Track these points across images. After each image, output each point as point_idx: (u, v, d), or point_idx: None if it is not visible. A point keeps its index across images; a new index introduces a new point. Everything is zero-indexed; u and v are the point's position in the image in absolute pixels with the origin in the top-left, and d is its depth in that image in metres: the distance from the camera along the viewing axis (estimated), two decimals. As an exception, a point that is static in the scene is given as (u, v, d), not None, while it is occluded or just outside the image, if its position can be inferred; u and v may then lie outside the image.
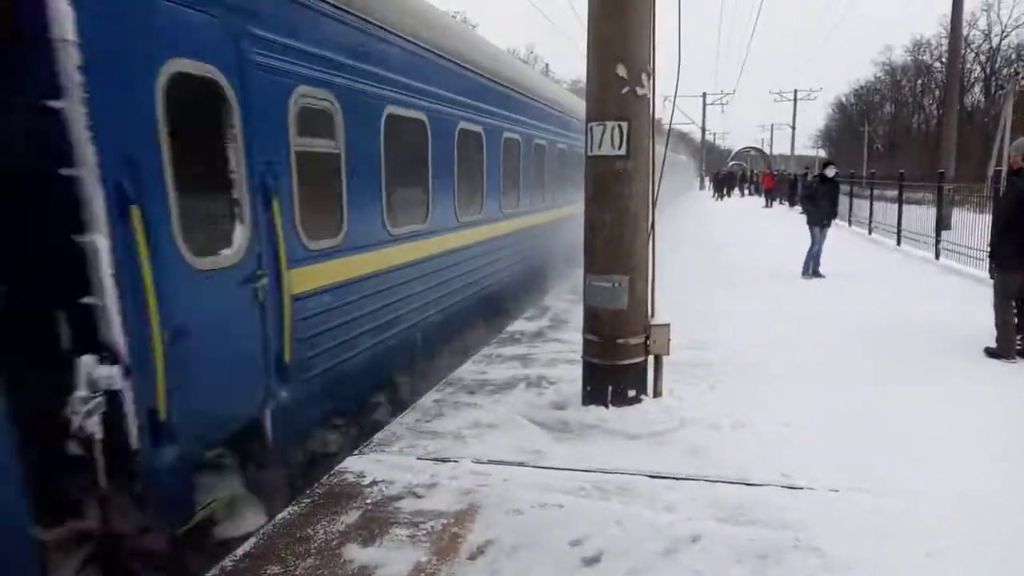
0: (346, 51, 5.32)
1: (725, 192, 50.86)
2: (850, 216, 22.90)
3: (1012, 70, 62.80)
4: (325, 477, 4.55)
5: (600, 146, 5.35)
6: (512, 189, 10.09)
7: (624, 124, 5.27)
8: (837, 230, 21.15)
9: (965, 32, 65.61)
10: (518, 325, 9.19)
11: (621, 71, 5.22)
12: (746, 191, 55.65)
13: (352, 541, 3.75)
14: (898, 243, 17.17)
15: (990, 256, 7.52)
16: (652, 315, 5.69)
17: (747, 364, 6.98)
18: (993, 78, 68.81)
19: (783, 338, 8.02)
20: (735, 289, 11.33)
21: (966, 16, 65.18)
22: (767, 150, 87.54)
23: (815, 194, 12.84)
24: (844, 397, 5.94)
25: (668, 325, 5.64)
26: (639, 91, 5.28)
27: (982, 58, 69.95)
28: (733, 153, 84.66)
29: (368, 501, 4.20)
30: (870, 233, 20.01)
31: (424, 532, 3.84)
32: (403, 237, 6.39)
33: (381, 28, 5.80)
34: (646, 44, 5.32)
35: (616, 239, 5.42)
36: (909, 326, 8.53)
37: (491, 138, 8.91)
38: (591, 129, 5.39)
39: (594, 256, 5.53)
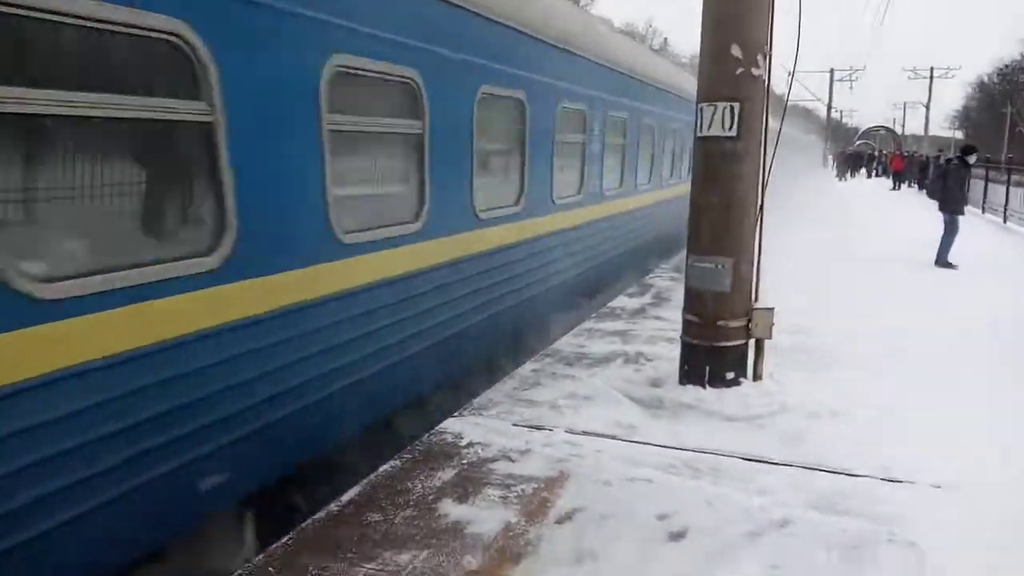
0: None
1: (850, 172, 48.57)
2: (984, 203, 21.49)
3: None
4: (425, 436, 4.79)
5: (710, 127, 5.31)
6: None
7: (736, 105, 5.20)
8: (970, 217, 20.01)
9: None
10: (619, 301, 9.22)
11: (736, 51, 5.14)
12: (873, 172, 52.90)
13: (447, 497, 3.97)
14: (1036, 234, 16.04)
15: None
16: (756, 298, 5.64)
17: (851, 353, 6.79)
18: None
19: (897, 329, 7.71)
20: (853, 275, 10.91)
21: None
22: (898, 130, 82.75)
23: (948, 178, 12.14)
24: (954, 396, 5.68)
25: (772, 309, 5.57)
26: (755, 72, 5.20)
27: None
28: (860, 132, 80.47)
29: (464, 461, 4.42)
30: (1005, 222, 18.75)
31: (515, 494, 4.01)
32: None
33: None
34: (764, 23, 5.22)
35: (723, 221, 5.39)
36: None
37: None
38: (701, 110, 5.35)
39: (699, 237, 5.52)
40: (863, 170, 52.66)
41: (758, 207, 5.53)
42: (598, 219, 9.33)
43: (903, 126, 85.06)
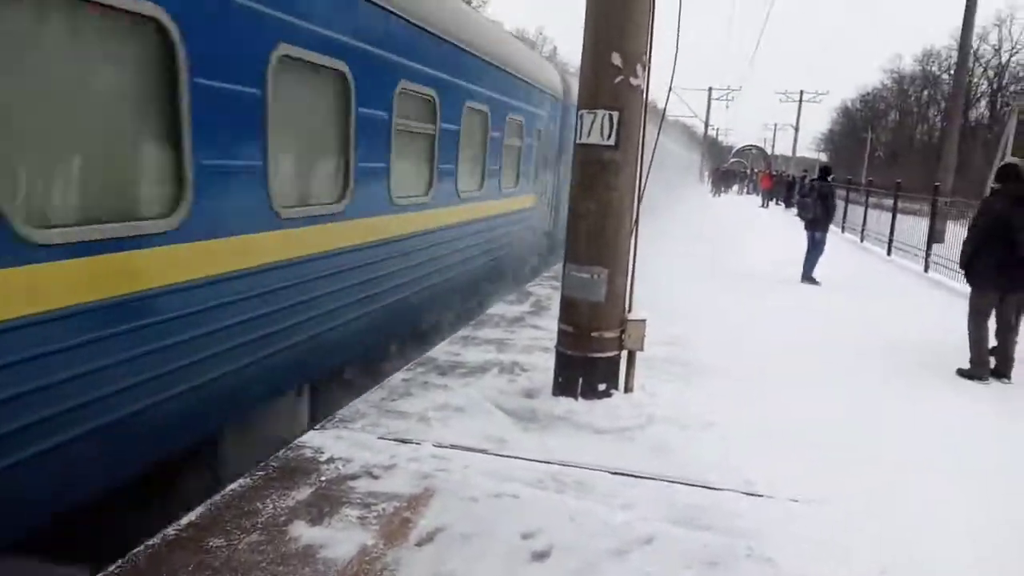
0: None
1: (724, 188, 50.81)
2: (844, 222, 22.86)
3: (1019, 87, 62.86)
4: (282, 451, 4.49)
5: (589, 134, 5.26)
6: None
7: (615, 114, 5.18)
8: (831, 236, 21.23)
9: (975, 46, 65.48)
10: (498, 308, 9.12)
11: (616, 60, 5.12)
12: (745, 189, 55.58)
13: (300, 518, 3.70)
14: (888, 253, 17.15)
15: (964, 275, 7.49)
16: (629, 309, 5.63)
17: (723, 365, 6.93)
18: (1000, 94, 68.75)
19: (763, 342, 7.98)
20: (723, 288, 11.26)
21: (977, 30, 64.85)
22: (769, 149, 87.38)
23: (810, 197, 12.75)
24: (815, 407, 5.89)
25: (644, 321, 5.58)
26: (633, 81, 5.19)
27: (990, 73, 69.88)
28: (734, 150, 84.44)
29: (323, 478, 4.14)
30: (862, 241, 19.99)
31: (375, 514, 3.79)
32: None
33: None
34: (644, 34, 5.22)
35: (599, 230, 5.35)
36: (891, 339, 8.50)
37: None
38: (582, 116, 5.30)
39: (576, 245, 5.46)
40: (735, 187, 55.25)
41: (634, 218, 5.52)
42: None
43: (773, 146, 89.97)
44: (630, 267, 5.58)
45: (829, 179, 12.96)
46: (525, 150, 11.07)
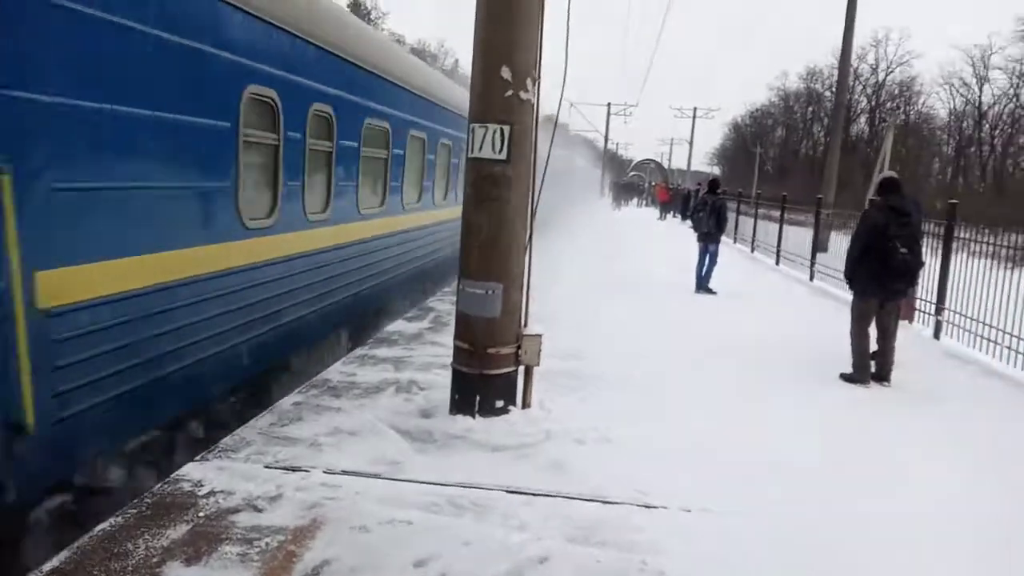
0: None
1: (624, 201, 52.02)
2: (735, 234, 23.73)
3: (895, 104, 67.16)
4: (158, 485, 4.20)
5: (480, 148, 5.21)
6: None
7: (506, 128, 5.14)
8: (722, 247, 21.98)
9: (854, 65, 69.64)
10: (397, 326, 8.94)
11: (506, 74, 5.09)
12: (644, 202, 57.08)
13: (175, 559, 3.44)
14: (777, 263, 17.87)
15: (847, 282, 7.84)
16: (525, 325, 5.59)
17: (620, 377, 6.99)
18: (878, 110, 73.27)
19: (659, 352, 8.11)
20: (622, 301, 11.41)
21: (856, 50, 69.18)
22: (666, 163, 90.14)
23: (701, 210, 13.13)
24: (707, 414, 6.02)
25: (540, 336, 5.55)
26: (523, 95, 5.17)
27: (869, 91, 74.41)
28: (633, 164, 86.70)
29: (201, 514, 3.89)
30: (752, 251, 20.77)
31: (257, 550, 3.57)
32: None
33: None
34: (533, 49, 5.22)
35: (491, 245, 5.29)
36: (778, 346, 8.81)
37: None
38: (473, 130, 5.24)
39: (469, 261, 5.38)
40: (635, 199, 56.71)
41: (528, 232, 5.49)
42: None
43: (670, 160, 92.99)
44: (525, 281, 5.54)
45: (718, 192, 13.40)
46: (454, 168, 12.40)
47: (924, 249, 8.40)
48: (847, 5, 22.65)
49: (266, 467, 4.52)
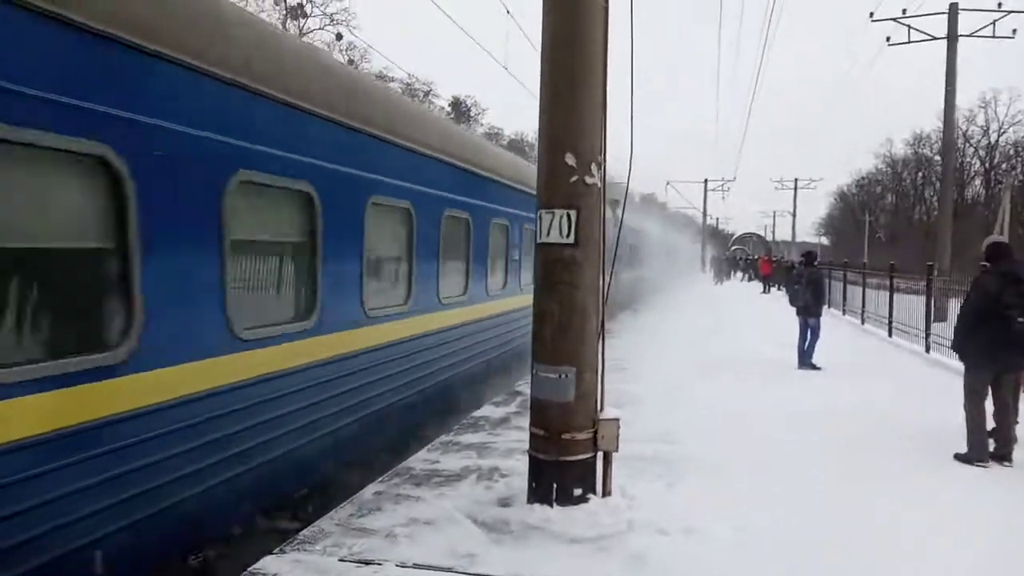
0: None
1: (726, 276, 50.96)
2: (844, 305, 22.74)
3: (1009, 165, 63.85)
4: (235, 578, 4.25)
5: (549, 234, 5.23)
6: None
7: (573, 212, 5.16)
8: (830, 319, 21.04)
9: (964, 127, 67.09)
10: (485, 411, 8.91)
11: (570, 160, 5.14)
12: (747, 276, 55.77)
13: (240, 656, 3.44)
14: (889, 334, 16.93)
15: (958, 355, 7.31)
16: (602, 408, 5.45)
17: (713, 462, 6.67)
18: (992, 172, 69.81)
19: (757, 434, 7.73)
20: (720, 379, 11.04)
21: (964, 112, 66.64)
22: (769, 236, 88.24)
23: (797, 283, 12.67)
24: (807, 502, 5.63)
25: (617, 420, 5.39)
26: (588, 180, 5.19)
27: (981, 152, 71.19)
28: (734, 238, 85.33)
29: (271, 609, 3.90)
30: (863, 323, 19.79)
31: (321, 647, 3.53)
32: None
33: None
34: (598, 133, 5.27)
35: (563, 329, 5.24)
36: (890, 424, 8.24)
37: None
38: (540, 216, 5.29)
39: (541, 345, 5.34)
40: (738, 273, 55.53)
41: (600, 315, 5.43)
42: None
43: (773, 232, 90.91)
44: (600, 365, 5.44)
45: (815, 264, 12.93)
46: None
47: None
48: (947, 65, 21.97)
49: (340, 560, 4.51)
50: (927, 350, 14.27)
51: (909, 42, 24.00)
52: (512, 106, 78.02)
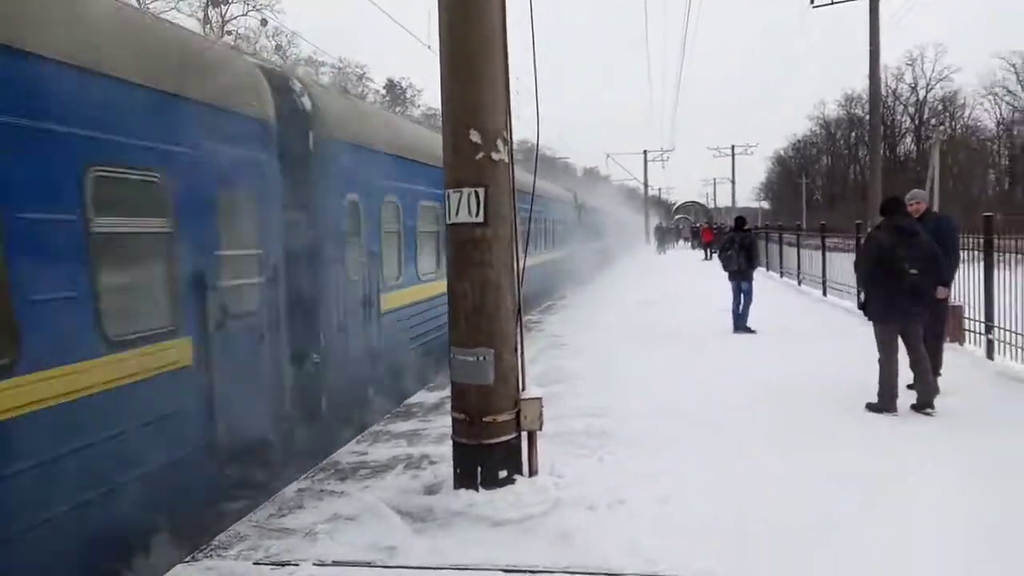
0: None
1: (668, 245, 51.54)
2: (781, 267, 23.13)
3: (938, 120, 65.71)
4: (141, 591, 4.06)
5: (457, 213, 5.10)
6: None
7: (480, 190, 5.03)
8: (768, 281, 21.40)
9: (893, 85, 68.63)
10: (419, 396, 8.79)
11: (475, 137, 5.00)
12: (692, 244, 56.49)
13: (139, 675, 3.28)
14: (824, 293, 17.27)
15: (862, 311, 7.46)
16: (523, 388, 5.37)
17: (644, 432, 6.66)
18: (922, 128, 71.71)
19: (688, 402, 7.75)
20: (657, 349, 11.09)
21: (892, 71, 68.41)
22: (712, 203, 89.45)
23: (730, 248, 12.78)
24: (733, 469, 5.65)
25: (539, 399, 5.32)
26: (495, 156, 5.06)
27: (911, 110, 73.02)
28: (676, 207, 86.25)
29: (176, 621, 3.74)
30: (799, 284, 20.16)
31: (226, 658, 3.39)
32: None
33: None
34: (501, 108, 5.13)
35: (478, 309, 5.13)
36: (817, 382, 8.37)
37: None
38: (448, 196, 5.15)
39: (456, 328, 5.22)
40: (680, 242, 56.30)
41: (517, 293, 5.33)
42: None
43: (715, 200, 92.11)
44: (518, 344, 5.35)
45: (746, 229, 13.07)
46: None
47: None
48: (870, 22, 22.31)
49: (255, 564, 4.36)
50: (859, 307, 14.55)
51: (832, 3, 24.30)
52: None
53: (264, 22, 39.77)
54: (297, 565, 4.30)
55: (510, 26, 5.20)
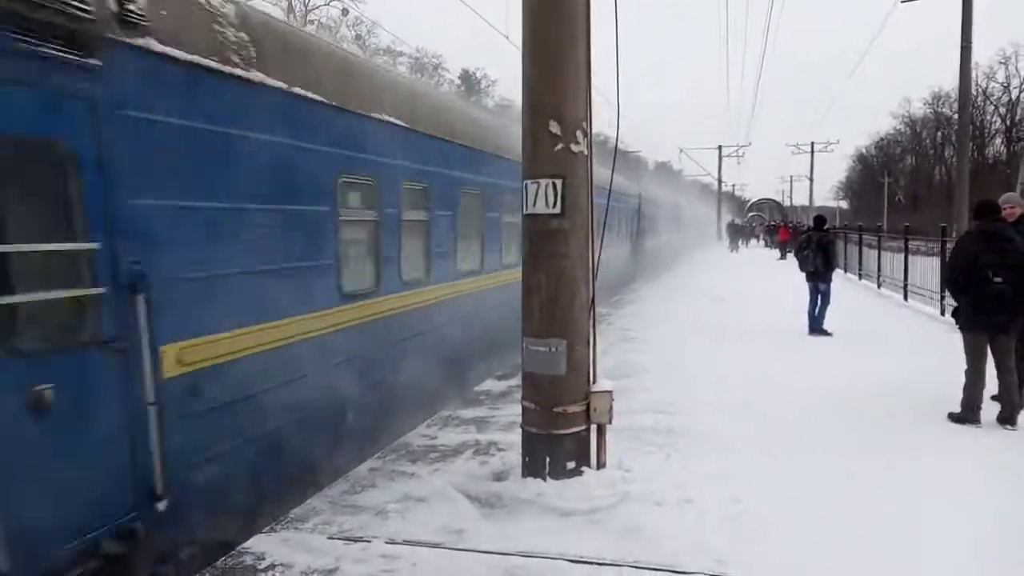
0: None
1: (742, 242, 50.47)
2: (860, 269, 22.42)
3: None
4: (222, 559, 4.24)
5: (535, 204, 5.12)
6: None
7: (558, 182, 5.04)
8: (847, 283, 20.76)
9: (984, 85, 65.65)
10: (487, 385, 8.87)
11: (554, 128, 5.01)
12: (763, 242, 55.20)
13: (220, 637, 3.43)
14: (905, 298, 16.67)
15: (953, 318, 7.18)
16: (595, 380, 5.37)
17: (713, 432, 6.58)
18: (1014, 130, 68.38)
19: (760, 402, 7.62)
20: (728, 347, 10.91)
21: (984, 69, 65.27)
22: (787, 201, 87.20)
23: (807, 248, 12.45)
24: (806, 472, 5.54)
25: (610, 392, 5.31)
26: (574, 148, 5.07)
27: (1002, 110, 69.69)
28: (750, 204, 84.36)
29: (255, 589, 3.89)
30: (879, 287, 19.51)
31: (302, 627, 3.51)
32: None
33: None
34: (582, 100, 5.13)
35: (552, 301, 5.14)
36: (895, 389, 8.09)
37: None
38: (526, 186, 5.17)
39: (531, 318, 5.25)
40: (753, 240, 55.02)
41: (591, 286, 5.32)
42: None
43: (791, 197, 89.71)
44: (592, 336, 5.35)
45: (825, 229, 12.72)
46: None
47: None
48: (962, 17, 21.37)
49: (329, 538, 4.50)
50: (942, 313, 14.01)
51: (922, -3, 23.32)
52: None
53: (345, 11, 40.46)
54: (369, 542, 4.42)
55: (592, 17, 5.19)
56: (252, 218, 5.05)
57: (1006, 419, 6.65)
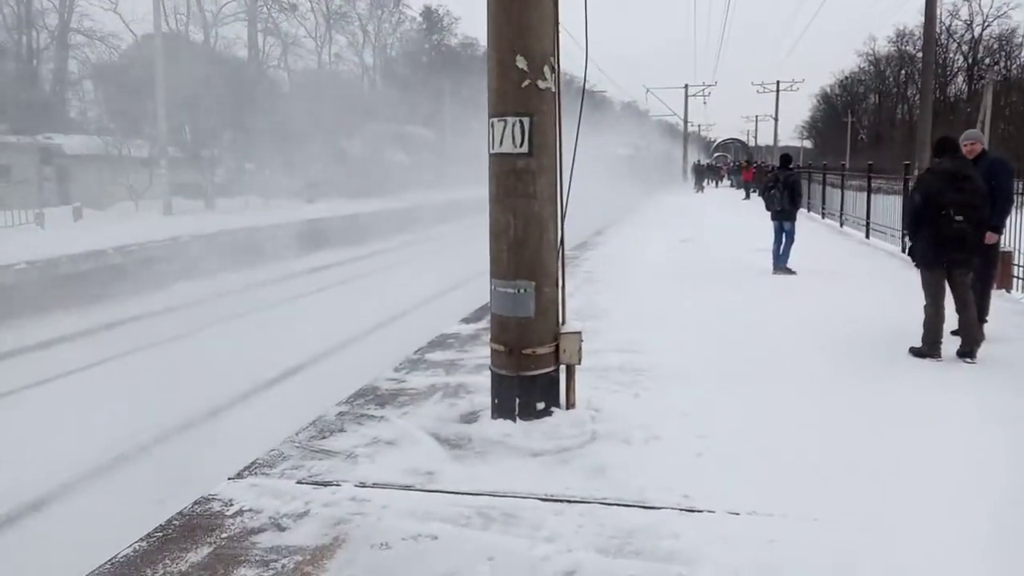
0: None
1: (707, 183, 50.66)
2: (823, 208, 22.65)
3: (993, 60, 62.98)
4: (189, 505, 4.20)
5: (501, 143, 5.01)
6: None
7: (526, 120, 4.92)
8: (810, 222, 21.00)
9: (947, 22, 65.73)
10: (455, 327, 8.85)
11: (521, 63, 4.87)
12: (731, 183, 55.46)
13: (189, 584, 3.41)
14: (867, 236, 16.92)
15: (909, 255, 7.28)
16: (563, 322, 5.36)
17: (680, 370, 6.65)
18: (976, 68, 68.86)
19: (726, 340, 7.72)
20: (693, 287, 11.00)
21: (947, 6, 65.42)
22: (752, 141, 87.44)
23: (773, 187, 12.51)
24: (771, 406, 5.64)
25: (579, 333, 5.31)
26: (541, 84, 4.94)
27: (964, 48, 70.06)
28: (715, 144, 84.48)
29: (224, 535, 3.85)
30: (841, 226, 19.76)
31: (273, 572, 3.49)
32: None
33: None
34: (549, 33, 4.98)
35: (520, 242, 5.08)
36: (857, 325, 8.26)
37: None
38: (492, 125, 5.05)
39: (498, 260, 5.19)
40: (720, 180, 55.26)
41: (560, 226, 5.26)
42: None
43: (756, 137, 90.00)
44: (560, 278, 5.31)
45: (790, 167, 12.76)
46: None
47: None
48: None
49: (298, 483, 4.47)
50: (903, 250, 14.25)
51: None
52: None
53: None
54: (339, 485, 4.40)
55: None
56: None
57: (966, 353, 6.80)
